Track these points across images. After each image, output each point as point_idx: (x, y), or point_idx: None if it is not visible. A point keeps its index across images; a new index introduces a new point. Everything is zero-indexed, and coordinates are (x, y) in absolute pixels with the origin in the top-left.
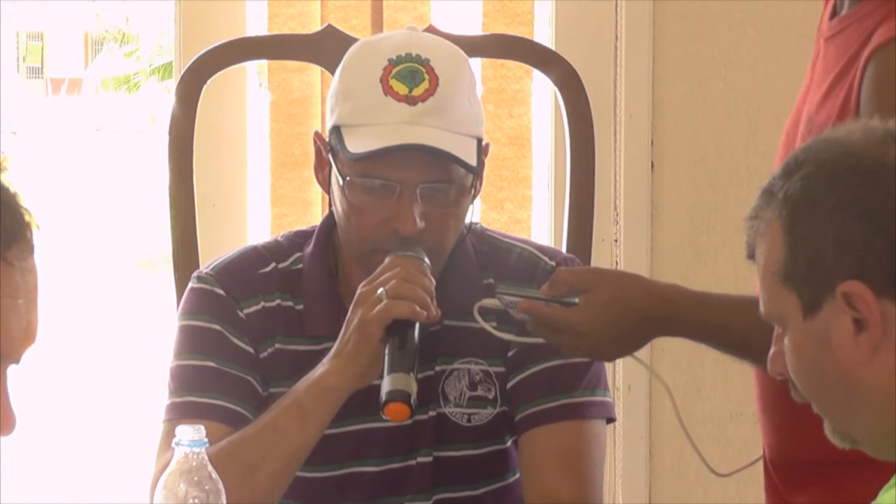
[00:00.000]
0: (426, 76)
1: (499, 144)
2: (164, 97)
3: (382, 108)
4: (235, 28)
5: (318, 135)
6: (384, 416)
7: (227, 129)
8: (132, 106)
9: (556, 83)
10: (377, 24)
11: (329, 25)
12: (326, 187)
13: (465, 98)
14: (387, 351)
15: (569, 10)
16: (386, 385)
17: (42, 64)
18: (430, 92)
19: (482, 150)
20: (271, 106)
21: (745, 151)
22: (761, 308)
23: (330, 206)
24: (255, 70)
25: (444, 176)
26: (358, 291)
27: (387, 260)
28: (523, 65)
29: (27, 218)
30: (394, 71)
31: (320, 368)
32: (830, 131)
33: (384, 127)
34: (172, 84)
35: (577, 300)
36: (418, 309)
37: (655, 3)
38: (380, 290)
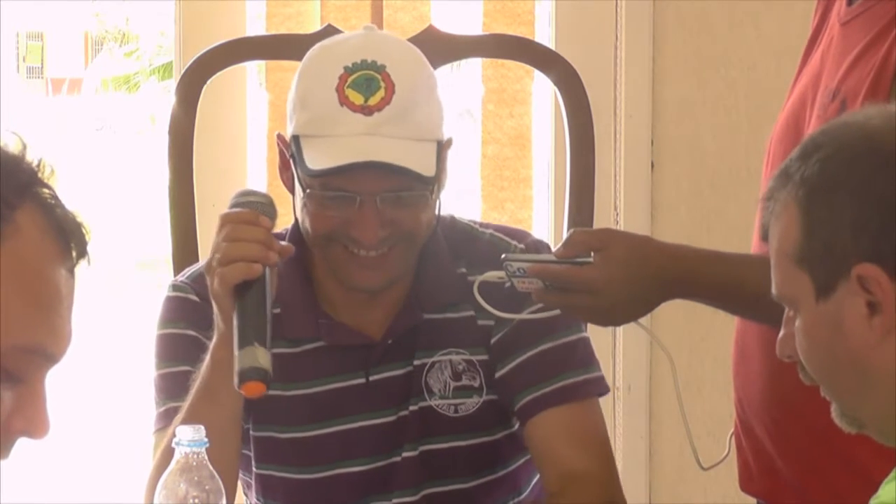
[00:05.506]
0: (382, 83)
1: (499, 144)
2: (164, 97)
3: (338, 120)
4: (235, 28)
5: (280, 136)
6: (240, 393)
7: (227, 129)
8: (132, 106)
9: (556, 83)
10: (377, 25)
11: (329, 25)
12: (290, 188)
13: (424, 102)
14: (235, 321)
15: (569, 10)
16: (238, 362)
17: (42, 64)
18: (385, 101)
19: (443, 147)
20: (269, 106)
21: (745, 151)
22: (773, 289)
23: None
24: (254, 70)
25: (404, 184)
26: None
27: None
28: (524, 65)
29: (88, 237)
30: (349, 80)
31: (210, 345)
32: (848, 115)
33: (340, 139)
34: (172, 84)
35: (590, 260)
36: (252, 266)
37: (655, 3)
38: (214, 256)
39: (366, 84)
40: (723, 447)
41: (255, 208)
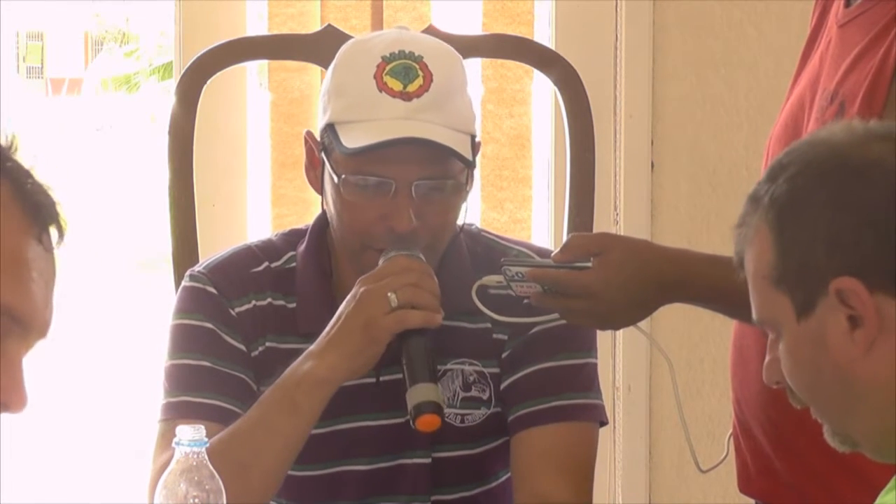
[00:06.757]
0: (420, 72)
1: (499, 144)
2: (164, 97)
3: (377, 104)
4: (235, 28)
5: (309, 134)
6: (415, 428)
7: (227, 129)
8: (132, 106)
9: (556, 83)
10: (377, 25)
11: (329, 25)
12: (318, 187)
13: (459, 95)
14: (404, 360)
15: (569, 10)
16: (414, 397)
17: (42, 64)
18: (424, 88)
19: (475, 148)
20: (271, 106)
21: (745, 151)
22: (754, 315)
23: (323, 205)
24: (255, 70)
25: (440, 172)
26: (362, 288)
27: (382, 260)
28: (523, 65)
29: (60, 210)
30: (387, 67)
31: (309, 361)
32: (812, 134)
33: (380, 122)
34: (172, 84)
35: (589, 264)
36: (434, 316)
37: (655, 3)
38: (390, 295)
39: (404, 72)
40: (723, 448)
41: (425, 264)
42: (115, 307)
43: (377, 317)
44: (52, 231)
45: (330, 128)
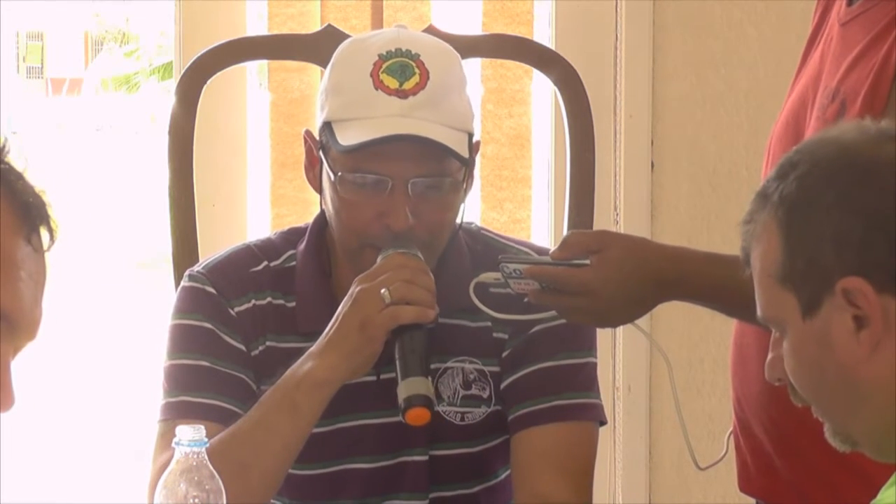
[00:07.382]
0: (416, 70)
1: (499, 144)
2: (164, 97)
3: (373, 102)
4: (235, 28)
5: (308, 133)
6: (405, 421)
7: (227, 129)
8: (132, 106)
9: (556, 83)
10: (377, 24)
11: (329, 25)
12: (317, 186)
13: (456, 93)
14: (397, 355)
15: (569, 10)
16: (404, 391)
17: (42, 64)
18: (420, 86)
19: (473, 147)
20: (271, 106)
21: (745, 151)
22: (759, 312)
23: (321, 204)
24: (255, 70)
25: (436, 170)
26: (357, 287)
27: (380, 256)
28: (523, 65)
29: (50, 212)
30: (384, 66)
31: (309, 362)
32: (823, 131)
33: (376, 120)
34: (172, 84)
35: (587, 262)
36: (427, 311)
37: (655, 3)
38: (383, 291)
39: (400, 70)
40: (722, 448)
41: (420, 261)
42: (114, 307)
43: (372, 315)
44: (43, 232)
45: (327, 126)
